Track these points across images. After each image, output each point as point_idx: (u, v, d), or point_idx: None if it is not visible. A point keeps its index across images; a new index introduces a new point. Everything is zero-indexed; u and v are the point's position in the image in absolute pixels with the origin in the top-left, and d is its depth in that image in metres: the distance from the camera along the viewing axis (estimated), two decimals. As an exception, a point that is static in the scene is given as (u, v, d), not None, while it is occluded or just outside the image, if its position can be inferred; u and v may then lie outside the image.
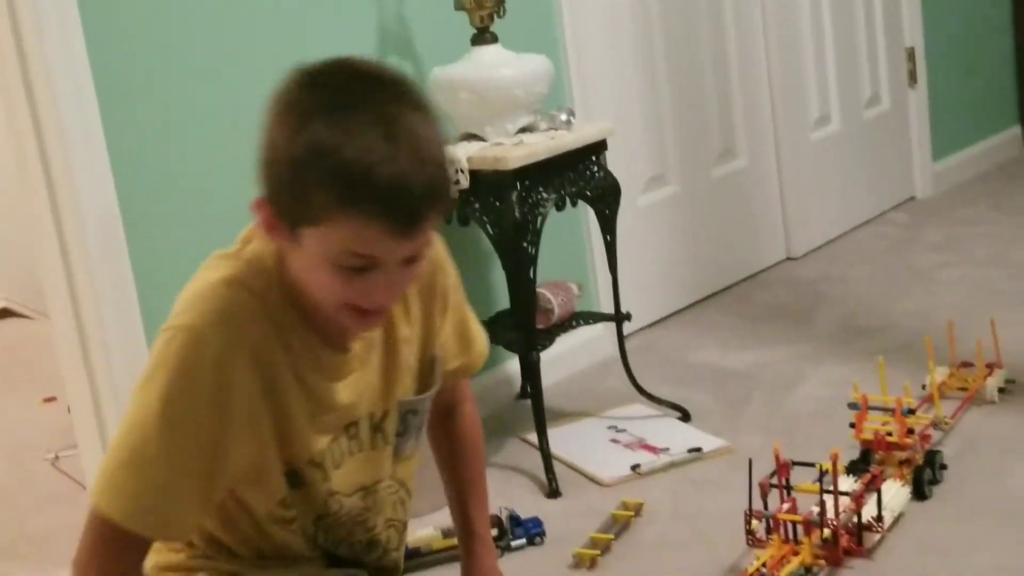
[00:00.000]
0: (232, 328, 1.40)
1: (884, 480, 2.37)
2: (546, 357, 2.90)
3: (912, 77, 4.68)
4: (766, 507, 2.27)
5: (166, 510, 1.41)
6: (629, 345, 3.14)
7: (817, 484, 2.25)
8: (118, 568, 1.45)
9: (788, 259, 4.20)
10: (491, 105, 2.81)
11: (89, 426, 2.55)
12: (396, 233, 1.33)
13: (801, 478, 2.35)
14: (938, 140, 4.81)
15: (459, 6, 2.85)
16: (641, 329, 3.62)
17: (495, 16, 2.85)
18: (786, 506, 2.26)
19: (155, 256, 2.52)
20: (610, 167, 2.97)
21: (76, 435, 2.66)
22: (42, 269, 2.56)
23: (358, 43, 2.94)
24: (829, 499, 2.21)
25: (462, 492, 1.87)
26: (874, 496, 2.28)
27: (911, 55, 4.66)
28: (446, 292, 1.62)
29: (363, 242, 1.33)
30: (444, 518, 2.46)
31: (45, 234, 2.49)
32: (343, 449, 1.54)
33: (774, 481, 2.31)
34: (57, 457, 3.23)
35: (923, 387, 2.86)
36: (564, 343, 3.09)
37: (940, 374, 2.89)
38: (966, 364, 2.96)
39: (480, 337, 1.75)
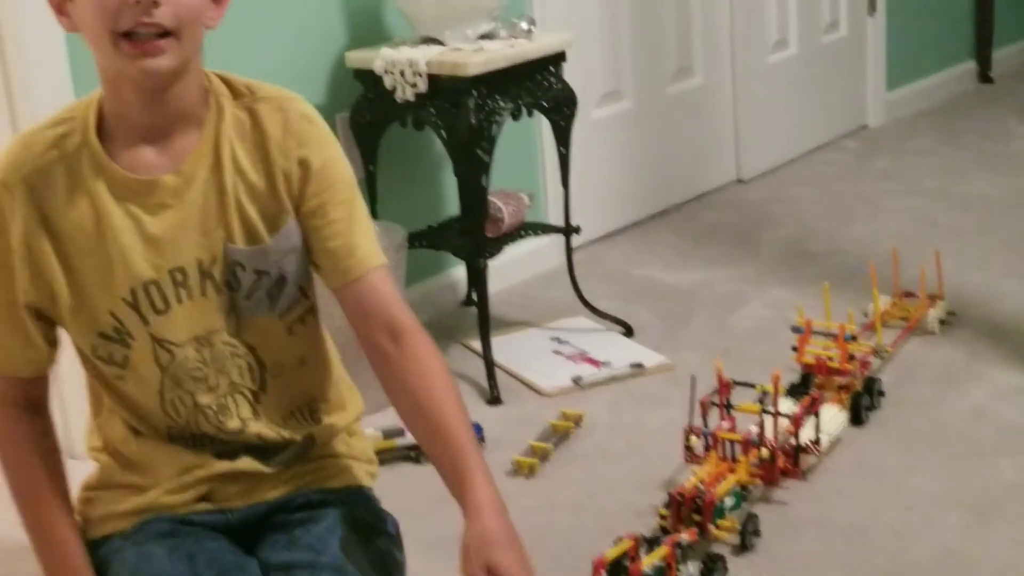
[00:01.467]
0: (7, 168, 1.50)
1: (823, 404, 2.40)
2: (492, 265, 2.90)
3: (872, 5, 4.68)
4: (706, 425, 2.30)
5: None
6: (575, 258, 3.15)
7: (757, 404, 2.28)
8: (4, 401, 1.58)
9: (738, 181, 4.21)
10: (452, 9, 2.78)
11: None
12: None
13: (741, 398, 2.38)
14: (893, 70, 4.82)
15: (425, -94, 2.80)
16: (588, 243, 3.63)
17: (461, -82, 2.81)
18: (725, 424, 2.29)
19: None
20: (567, 79, 2.96)
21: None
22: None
23: (320, -63, 2.90)
24: (768, 420, 2.25)
25: (443, 455, 1.52)
26: (812, 419, 2.32)
27: (872, -17, 4.67)
28: (307, 162, 1.55)
29: None
30: (384, 419, 2.48)
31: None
32: (167, 295, 1.54)
33: (715, 399, 2.33)
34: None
35: (865, 314, 2.90)
36: (511, 252, 3.09)
37: (883, 302, 2.93)
38: (909, 294, 3.00)
39: (362, 248, 1.60)
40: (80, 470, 1.64)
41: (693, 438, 2.30)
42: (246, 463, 1.61)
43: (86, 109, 1.52)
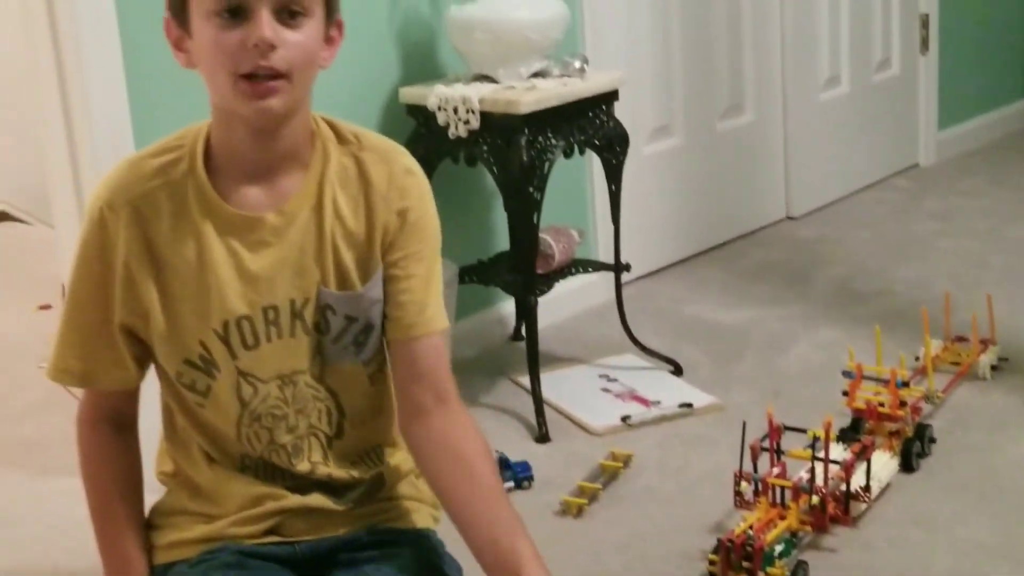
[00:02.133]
0: (114, 190, 1.55)
1: (874, 450, 2.39)
2: (541, 300, 2.91)
3: (924, 44, 4.66)
4: (755, 470, 2.29)
5: (78, 364, 1.60)
6: (624, 294, 3.15)
7: (808, 450, 2.27)
8: (93, 415, 1.66)
9: (788, 218, 4.21)
10: (506, 47, 2.80)
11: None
12: None
13: (792, 442, 2.38)
14: (945, 109, 4.80)
15: (481, -54, 2.83)
16: (637, 279, 3.62)
17: (517, -43, 2.84)
18: (776, 470, 2.28)
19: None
20: (617, 115, 2.97)
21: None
22: (50, 182, 2.57)
23: (377, -25, 2.92)
24: (819, 466, 2.24)
25: (484, 505, 1.54)
26: (863, 466, 2.31)
27: (925, 22, 4.65)
28: (405, 214, 1.59)
29: None
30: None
31: (56, 151, 2.50)
32: (259, 331, 1.57)
33: (765, 444, 2.32)
34: (51, 366, 3.24)
35: (916, 359, 2.88)
36: (559, 287, 3.09)
37: (934, 347, 2.90)
38: (960, 338, 2.98)
39: (432, 308, 1.62)
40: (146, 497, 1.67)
41: (743, 483, 2.29)
42: (317, 499, 1.63)
43: (195, 138, 1.57)
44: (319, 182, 1.57)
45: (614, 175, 2.99)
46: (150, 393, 1.66)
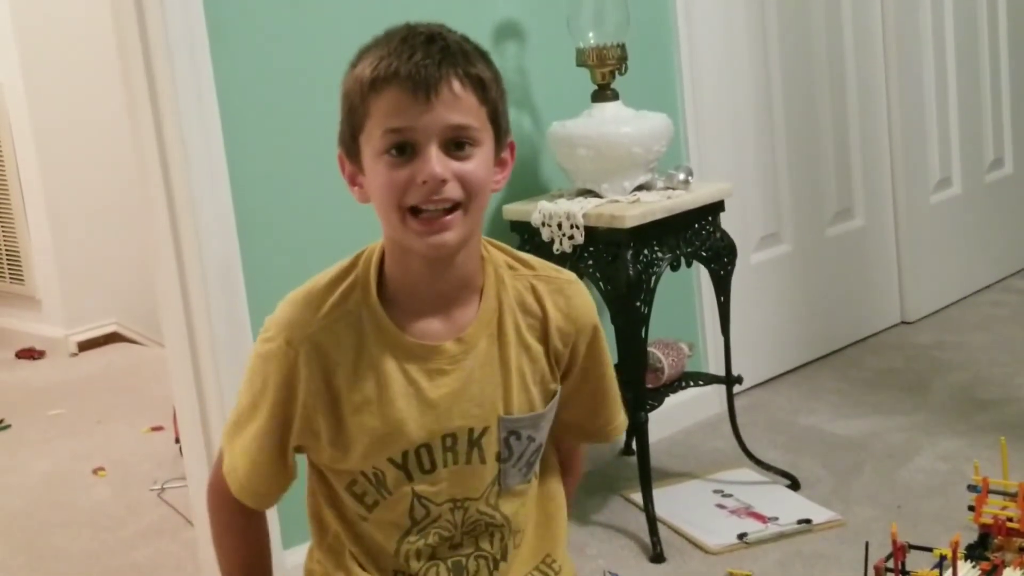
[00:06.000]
0: (293, 327, 1.56)
1: (1004, 568, 2.29)
2: (652, 414, 2.86)
3: (1038, 141, 4.58)
4: (880, 591, 2.20)
5: (255, 484, 1.61)
6: (737, 405, 3.08)
7: (935, 571, 2.18)
8: (226, 491, 1.65)
9: (903, 323, 4.11)
10: (609, 162, 2.79)
11: (199, 463, 2.57)
12: (413, 95, 1.45)
13: (917, 561, 2.28)
14: (1063, 206, 4.69)
15: (581, 62, 2.83)
16: (748, 389, 3.55)
17: (616, 73, 2.84)
18: (902, 592, 2.19)
19: (272, 298, 2.52)
20: (724, 224, 2.93)
21: (186, 470, 2.68)
22: (161, 306, 2.60)
23: (479, 94, 2.94)
24: (947, 587, 2.14)
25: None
26: (993, 585, 2.21)
27: (1038, 119, 4.57)
28: (579, 335, 1.64)
29: (390, 113, 1.46)
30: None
31: (166, 272, 2.54)
32: (436, 458, 1.58)
33: (890, 564, 2.23)
34: (163, 488, 3.27)
35: (1045, 469, 2.78)
36: (670, 401, 3.04)
37: (1063, 456, 2.80)
38: (1091, 447, 2.87)
39: (616, 419, 1.76)
40: None
41: (867, 605, 2.21)
42: None
43: (367, 265, 1.58)
44: (496, 309, 1.59)
45: (722, 286, 2.95)
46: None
